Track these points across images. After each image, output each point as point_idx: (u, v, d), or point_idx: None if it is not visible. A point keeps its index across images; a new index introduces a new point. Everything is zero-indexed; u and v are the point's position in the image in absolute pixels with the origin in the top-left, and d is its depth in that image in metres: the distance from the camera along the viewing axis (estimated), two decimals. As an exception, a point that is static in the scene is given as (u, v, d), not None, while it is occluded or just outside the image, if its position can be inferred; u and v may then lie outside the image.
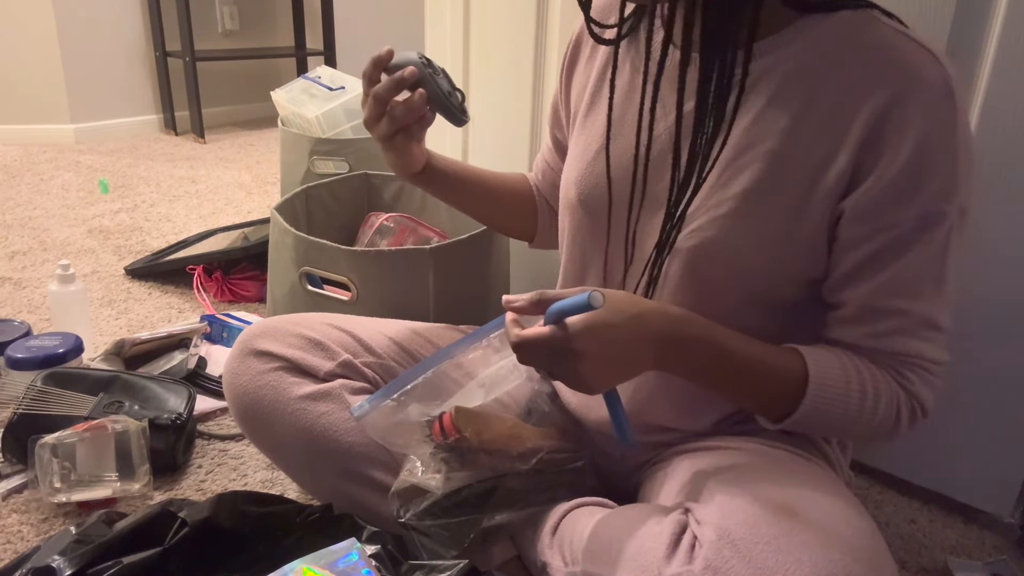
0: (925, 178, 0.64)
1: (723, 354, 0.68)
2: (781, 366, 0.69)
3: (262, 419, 0.88)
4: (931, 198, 0.65)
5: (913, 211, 0.65)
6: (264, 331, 0.91)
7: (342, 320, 0.95)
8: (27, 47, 3.04)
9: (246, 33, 3.75)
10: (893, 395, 0.69)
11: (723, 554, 0.59)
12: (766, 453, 0.74)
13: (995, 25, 0.91)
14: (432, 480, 0.78)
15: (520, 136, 1.38)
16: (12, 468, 1.08)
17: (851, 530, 0.61)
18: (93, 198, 2.44)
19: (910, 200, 0.65)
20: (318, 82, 1.84)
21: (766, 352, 0.70)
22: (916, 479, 1.12)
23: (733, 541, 0.59)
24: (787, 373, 0.69)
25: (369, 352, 0.92)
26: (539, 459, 0.81)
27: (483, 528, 0.78)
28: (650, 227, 0.77)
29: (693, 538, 0.62)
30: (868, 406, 0.68)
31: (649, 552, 0.63)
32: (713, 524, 0.61)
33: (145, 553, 0.76)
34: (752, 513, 0.61)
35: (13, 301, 1.67)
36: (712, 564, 0.59)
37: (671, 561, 0.61)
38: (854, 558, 0.58)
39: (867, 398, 0.68)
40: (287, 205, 1.36)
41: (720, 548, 0.59)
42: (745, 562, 0.58)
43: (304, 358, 0.88)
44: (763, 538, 0.59)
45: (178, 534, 0.78)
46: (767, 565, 0.57)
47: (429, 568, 0.74)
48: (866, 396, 0.68)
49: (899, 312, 0.68)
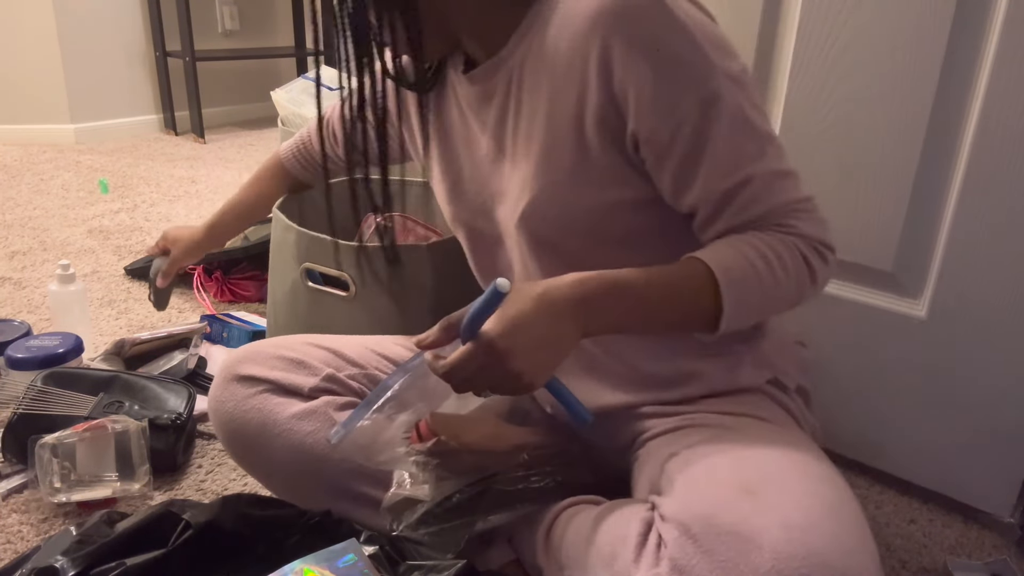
0: (675, 71, 0.67)
1: (633, 294, 0.69)
2: (687, 276, 0.70)
3: (250, 444, 0.88)
4: (695, 84, 0.68)
5: (688, 102, 0.68)
6: (245, 356, 0.91)
7: (322, 339, 0.95)
8: (27, 47, 3.05)
9: (246, 33, 3.75)
10: (791, 246, 0.71)
11: (686, 551, 0.60)
12: (726, 424, 0.76)
13: (995, 25, 0.91)
14: (422, 490, 0.78)
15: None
16: (12, 468, 1.08)
17: (810, 501, 0.61)
18: (93, 198, 2.44)
19: (679, 97, 0.68)
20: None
21: (667, 271, 0.71)
22: (916, 479, 1.12)
23: (694, 536, 0.60)
24: (696, 280, 0.69)
25: (352, 364, 0.92)
26: (526, 456, 0.80)
27: (478, 531, 0.77)
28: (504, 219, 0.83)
29: (658, 537, 0.63)
30: (777, 267, 0.70)
31: (620, 557, 0.65)
32: (674, 520, 0.62)
33: (148, 555, 0.76)
34: (711, 502, 0.62)
35: (13, 301, 1.67)
36: (678, 564, 0.59)
37: (639, 564, 0.63)
38: (816, 533, 0.58)
39: (771, 261, 0.69)
40: (287, 205, 1.36)
41: (683, 545, 0.60)
42: (707, 557, 0.59)
43: (287, 378, 0.88)
44: (723, 528, 0.59)
45: (181, 536, 0.78)
46: (729, 556, 0.58)
47: (427, 568, 0.74)
48: (769, 260, 0.69)
49: (740, 183, 0.70)
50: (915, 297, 1.05)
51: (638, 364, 0.83)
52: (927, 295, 1.03)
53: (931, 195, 1.00)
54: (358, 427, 0.76)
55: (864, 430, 1.14)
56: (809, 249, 0.72)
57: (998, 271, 0.97)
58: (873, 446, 1.14)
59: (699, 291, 0.69)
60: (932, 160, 0.99)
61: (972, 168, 0.96)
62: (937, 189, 1.00)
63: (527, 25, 0.75)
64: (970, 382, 1.03)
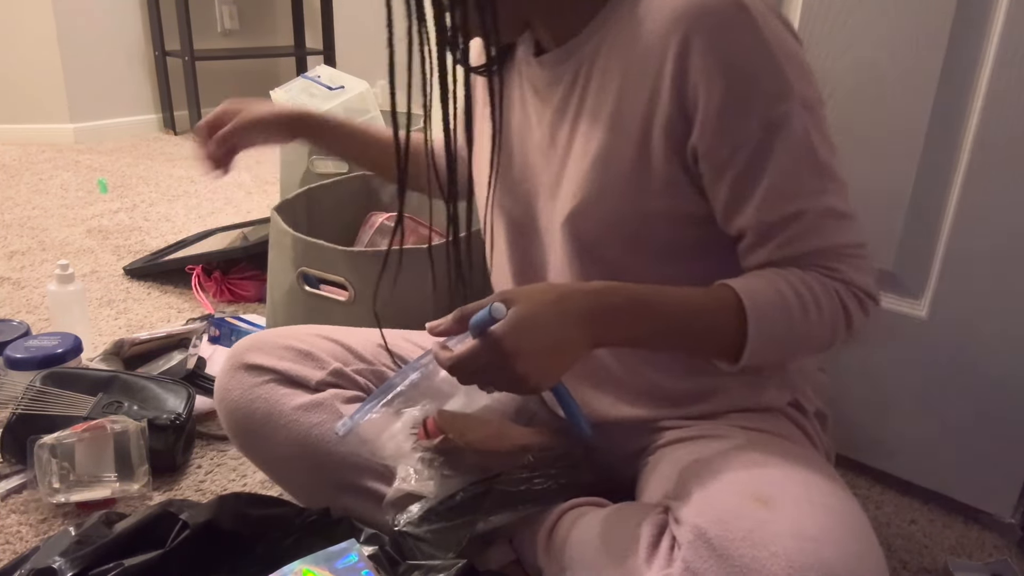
0: (749, 89, 0.66)
1: (653, 311, 0.68)
2: (713, 302, 0.69)
3: (255, 433, 0.88)
4: (766, 104, 0.66)
5: (755, 122, 0.66)
6: (253, 345, 0.91)
7: (331, 331, 0.95)
8: (27, 47, 3.04)
9: (246, 32, 3.75)
10: (830, 290, 0.69)
11: (700, 554, 0.59)
12: (744, 437, 0.75)
13: (995, 25, 0.91)
14: (426, 486, 0.78)
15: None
16: (11, 468, 1.07)
17: (824, 513, 0.61)
18: (92, 198, 2.44)
19: (746, 114, 0.66)
20: (318, 81, 1.83)
21: (694, 294, 0.69)
22: (916, 479, 1.12)
23: (709, 540, 0.60)
24: (722, 308, 0.68)
25: (359, 359, 0.92)
26: (531, 457, 0.80)
27: (479, 531, 0.77)
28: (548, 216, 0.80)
29: (672, 539, 0.63)
30: (811, 309, 0.68)
31: (631, 557, 0.64)
32: (689, 523, 0.62)
33: (146, 555, 0.75)
34: (727, 508, 0.62)
35: (12, 301, 1.67)
36: (691, 566, 0.59)
37: (652, 564, 0.62)
38: (827, 543, 0.58)
39: (806, 302, 0.68)
40: (287, 206, 1.36)
41: (697, 548, 0.60)
42: (722, 561, 0.58)
43: (294, 369, 0.88)
44: (738, 533, 0.59)
45: (179, 536, 0.77)
46: (743, 562, 0.58)
47: (427, 568, 0.74)
48: (804, 300, 0.68)
49: (793, 215, 0.68)
50: (916, 297, 1.05)
51: (660, 382, 0.81)
52: (928, 295, 1.03)
53: (932, 195, 1.00)
54: (365, 420, 0.77)
55: (864, 430, 1.14)
56: (850, 296, 0.70)
57: (999, 271, 0.97)
58: (873, 446, 1.14)
59: (724, 321, 0.68)
60: (933, 160, 0.99)
61: (973, 168, 0.95)
62: (938, 189, 0.99)
63: (604, 17, 0.73)
64: (970, 382, 1.03)
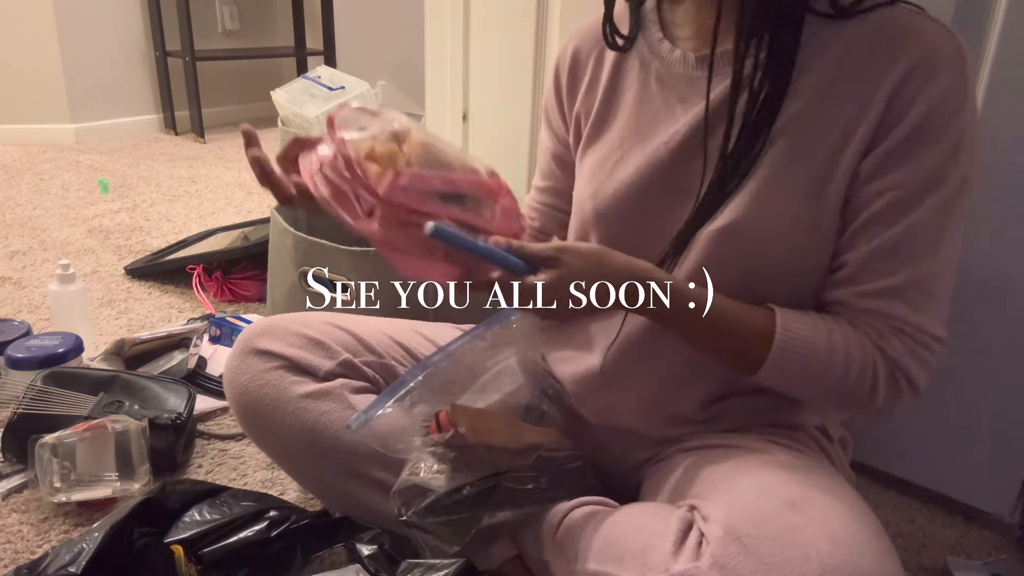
0: (932, 140, 0.66)
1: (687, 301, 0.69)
2: (749, 317, 0.70)
3: (263, 418, 0.88)
4: (936, 161, 0.66)
5: (918, 173, 0.66)
6: (265, 330, 0.91)
7: (343, 319, 0.95)
8: (27, 47, 3.04)
9: (246, 33, 3.75)
10: (868, 359, 0.68)
11: (730, 550, 0.59)
12: (769, 450, 0.74)
13: (995, 25, 0.91)
14: (434, 479, 0.78)
15: (520, 133, 1.38)
16: (12, 468, 1.08)
17: (856, 525, 0.61)
18: (93, 198, 2.44)
19: (916, 161, 0.66)
20: (318, 82, 1.84)
21: (733, 303, 0.70)
22: (916, 479, 1.12)
23: (740, 537, 0.59)
24: (756, 324, 0.69)
25: (370, 351, 0.92)
26: (539, 456, 0.81)
27: (484, 526, 0.78)
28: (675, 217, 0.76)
29: (700, 535, 0.63)
30: (837, 364, 0.68)
31: (656, 549, 0.64)
32: (719, 521, 0.61)
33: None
34: (758, 509, 0.62)
35: (13, 301, 1.67)
36: (719, 560, 0.59)
37: (678, 558, 0.62)
38: (859, 552, 0.58)
39: (836, 355, 0.68)
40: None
41: (727, 544, 0.59)
42: (752, 558, 0.58)
43: (304, 357, 0.88)
44: (770, 534, 0.59)
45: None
46: (774, 561, 0.57)
47: (427, 567, 0.74)
48: (835, 353, 0.68)
49: (891, 273, 0.68)
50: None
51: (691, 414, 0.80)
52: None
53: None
54: (378, 415, 0.77)
55: (864, 429, 1.14)
56: (887, 375, 0.69)
57: (999, 271, 0.97)
58: (873, 445, 1.14)
59: (753, 335, 0.69)
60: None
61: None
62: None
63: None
64: (970, 382, 1.03)
